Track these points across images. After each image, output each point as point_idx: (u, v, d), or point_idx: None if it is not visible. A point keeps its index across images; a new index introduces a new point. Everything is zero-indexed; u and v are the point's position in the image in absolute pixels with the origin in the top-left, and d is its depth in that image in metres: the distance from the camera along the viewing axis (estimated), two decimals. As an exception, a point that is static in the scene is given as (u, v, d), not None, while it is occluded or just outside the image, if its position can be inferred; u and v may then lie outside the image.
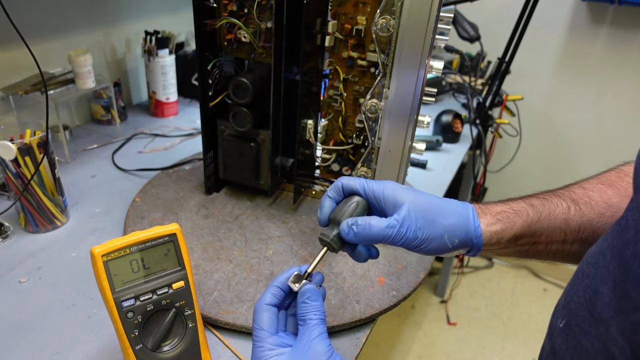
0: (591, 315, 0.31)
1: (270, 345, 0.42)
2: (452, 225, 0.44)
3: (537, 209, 0.45)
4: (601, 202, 0.45)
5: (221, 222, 0.76)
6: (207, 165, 0.81)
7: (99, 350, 0.54)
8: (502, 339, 1.76)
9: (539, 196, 0.47)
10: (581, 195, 0.46)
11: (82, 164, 0.95)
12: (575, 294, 0.34)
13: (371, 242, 0.45)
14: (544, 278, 2.07)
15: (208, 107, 0.76)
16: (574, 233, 0.45)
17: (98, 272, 0.43)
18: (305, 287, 0.44)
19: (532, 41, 1.39)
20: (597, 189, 0.47)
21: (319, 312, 0.42)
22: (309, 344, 0.40)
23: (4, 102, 0.92)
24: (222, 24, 0.71)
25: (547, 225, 0.45)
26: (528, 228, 0.45)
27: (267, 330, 0.42)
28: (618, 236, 0.32)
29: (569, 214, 0.45)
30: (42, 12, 0.96)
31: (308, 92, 0.75)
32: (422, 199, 0.45)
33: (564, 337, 0.34)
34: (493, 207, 0.46)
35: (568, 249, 0.46)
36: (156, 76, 1.15)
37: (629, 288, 0.28)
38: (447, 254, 0.46)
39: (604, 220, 0.45)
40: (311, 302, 0.43)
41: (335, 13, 0.69)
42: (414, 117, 0.62)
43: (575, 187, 0.48)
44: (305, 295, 0.43)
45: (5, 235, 0.71)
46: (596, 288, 0.32)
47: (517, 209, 0.46)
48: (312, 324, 0.41)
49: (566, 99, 1.78)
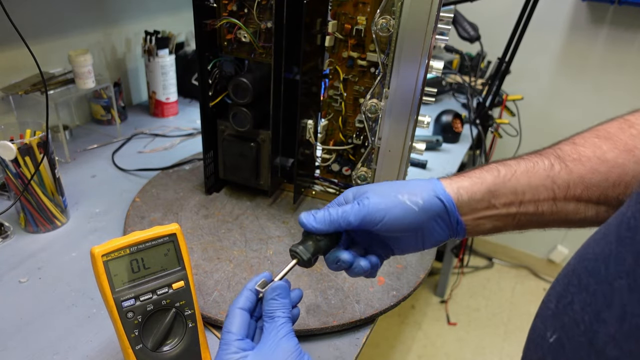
0: (591, 345, 0.26)
1: (235, 348, 0.40)
2: (413, 188, 0.43)
3: (511, 167, 0.43)
4: (594, 157, 0.41)
5: (221, 222, 0.76)
6: (207, 165, 0.81)
7: (99, 350, 0.54)
8: (502, 339, 1.76)
9: (515, 157, 0.44)
10: (569, 152, 0.43)
11: (82, 164, 0.95)
12: (570, 306, 0.29)
13: (333, 223, 0.44)
14: (544, 278, 2.07)
15: (208, 107, 0.76)
16: (564, 190, 0.42)
17: (98, 272, 0.43)
18: (276, 284, 0.43)
19: (532, 41, 1.39)
20: (590, 144, 0.43)
21: (287, 310, 0.42)
22: (277, 342, 0.39)
23: (4, 102, 0.92)
24: (222, 24, 0.71)
25: (526, 182, 0.42)
26: (502, 185, 0.42)
27: (235, 334, 0.41)
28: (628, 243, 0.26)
29: (553, 170, 0.42)
30: (42, 12, 0.96)
31: (308, 92, 0.75)
32: (383, 184, 0.45)
33: (554, 355, 0.30)
34: (460, 173, 0.45)
35: (564, 208, 0.42)
36: (156, 76, 1.15)
37: None
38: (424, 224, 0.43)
39: (598, 176, 0.41)
40: (280, 300, 0.42)
41: (335, 13, 0.69)
42: (414, 117, 0.62)
43: (565, 143, 0.44)
44: (275, 292, 0.42)
45: (5, 235, 0.71)
46: (597, 310, 0.26)
47: (485, 168, 0.44)
48: (280, 322, 0.41)
49: (566, 99, 1.78)
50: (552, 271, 2.07)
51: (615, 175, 0.41)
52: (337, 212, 0.44)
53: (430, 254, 0.73)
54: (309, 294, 0.63)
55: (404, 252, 0.48)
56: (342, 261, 0.45)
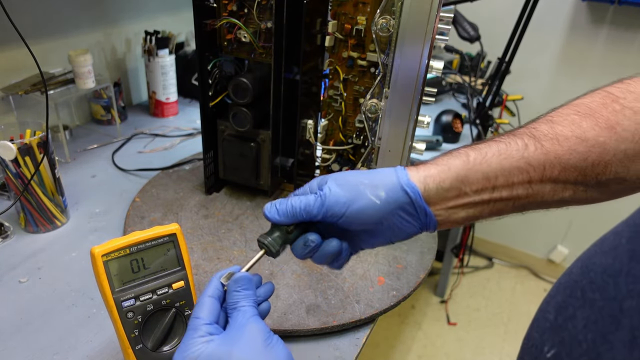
0: None
1: (203, 332, 0.38)
2: (375, 178, 0.41)
3: (481, 150, 0.40)
4: (572, 137, 0.39)
5: (221, 222, 0.76)
6: (207, 165, 0.81)
7: (99, 350, 0.54)
8: (502, 339, 1.76)
9: (487, 140, 0.42)
10: (545, 131, 0.40)
11: (82, 164, 0.95)
12: (571, 322, 0.27)
13: (295, 215, 0.42)
14: (544, 278, 2.07)
15: (208, 107, 0.76)
16: (539, 172, 0.39)
17: (98, 272, 0.43)
18: (238, 276, 0.41)
19: (532, 41, 1.39)
20: (569, 122, 0.40)
21: (252, 300, 0.41)
22: (244, 324, 0.38)
23: (4, 102, 0.92)
24: (222, 24, 0.71)
25: (498, 165, 0.40)
26: (472, 170, 0.40)
27: (203, 318, 0.39)
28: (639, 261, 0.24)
29: (527, 151, 0.39)
30: (42, 12, 0.96)
31: (308, 92, 0.75)
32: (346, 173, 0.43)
33: None
34: (428, 161, 0.43)
35: (540, 190, 0.40)
36: (156, 76, 1.15)
37: None
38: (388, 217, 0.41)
39: (576, 156, 0.39)
40: (243, 291, 0.40)
41: (335, 13, 0.69)
42: (414, 117, 0.62)
43: (541, 121, 0.42)
44: (238, 284, 0.41)
45: (5, 235, 0.71)
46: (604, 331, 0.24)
47: (455, 154, 0.41)
48: (244, 310, 0.39)
49: (566, 99, 1.75)
50: (552, 271, 2.07)
51: (595, 155, 0.39)
52: (300, 204, 0.42)
53: (430, 254, 0.73)
54: (309, 294, 0.63)
55: (373, 245, 0.46)
56: (310, 240, 0.43)
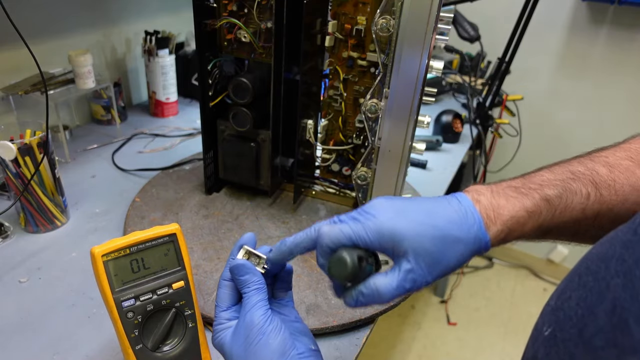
0: (580, 336, 0.27)
1: (222, 319, 0.42)
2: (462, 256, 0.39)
3: (553, 205, 0.39)
4: (627, 185, 0.39)
5: (221, 222, 0.76)
6: (207, 165, 0.81)
7: (99, 350, 0.54)
8: (502, 339, 1.76)
9: (558, 182, 0.40)
10: (605, 177, 0.39)
11: (82, 164, 0.95)
12: (567, 302, 0.30)
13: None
14: (544, 278, 2.07)
15: (208, 107, 0.76)
16: (589, 221, 0.40)
17: (98, 272, 0.43)
18: (232, 265, 0.43)
19: (532, 41, 1.39)
20: (624, 168, 0.40)
21: (253, 282, 0.42)
22: (243, 316, 0.41)
23: (4, 102, 0.92)
24: (222, 24, 0.71)
25: (559, 220, 0.39)
26: (538, 228, 0.40)
27: (220, 306, 0.43)
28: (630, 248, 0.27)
29: (588, 202, 0.39)
30: (42, 12, 0.96)
31: (308, 92, 0.75)
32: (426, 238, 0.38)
33: (547, 348, 0.30)
34: (504, 209, 0.39)
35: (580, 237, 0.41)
36: (156, 76, 1.15)
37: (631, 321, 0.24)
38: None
39: (627, 205, 0.39)
40: (240, 278, 0.42)
41: (335, 13, 0.69)
42: (414, 117, 0.62)
43: (599, 162, 0.41)
44: (234, 273, 0.43)
45: (5, 235, 0.71)
46: (591, 305, 0.27)
47: (531, 208, 0.39)
48: (248, 297, 0.42)
49: (566, 99, 1.78)
50: (552, 271, 2.07)
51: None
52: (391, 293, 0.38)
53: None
54: (308, 294, 0.63)
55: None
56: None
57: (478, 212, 0.39)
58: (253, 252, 0.44)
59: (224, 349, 0.41)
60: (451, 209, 0.40)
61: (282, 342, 0.39)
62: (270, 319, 0.40)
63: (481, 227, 0.39)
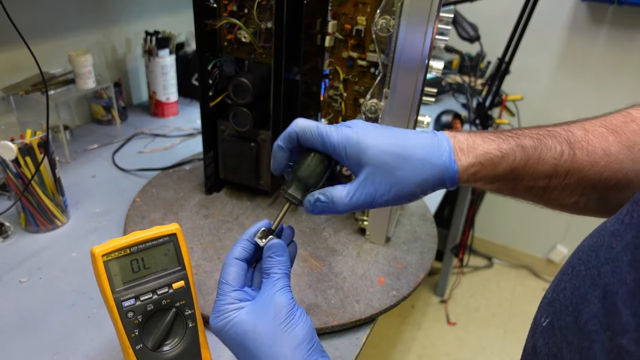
0: (575, 323, 0.29)
1: (232, 299, 0.41)
2: (424, 181, 0.41)
3: (527, 152, 0.41)
4: (599, 148, 0.41)
5: (221, 222, 0.76)
6: (207, 165, 0.81)
7: (99, 350, 0.54)
8: (502, 339, 1.76)
9: (533, 135, 0.42)
10: (580, 138, 0.41)
11: (83, 164, 0.95)
12: (562, 293, 0.32)
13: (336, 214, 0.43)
14: (544, 278, 2.07)
15: (208, 107, 0.76)
16: (560, 179, 0.41)
17: (98, 272, 0.44)
18: (272, 242, 0.43)
19: (532, 41, 1.39)
20: (598, 133, 0.41)
21: (284, 266, 0.42)
22: (271, 296, 0.40)
23: (4, 102, 0.92)
24: (222, 24, 0.71)
25: (532, 169, 0.41)
26: (510, 172, 0.41)
27: (231, 285, 0.42)
28: (617, 236, 0.28)
29: (561, 159, 0.41)
30: (42, 12, 0.96)
31: (308, 92, 0.75)
32: (389, 153, 0.40)
33: (545, 338, 0.32)
34: (480, 146, 0.41)
35: (548, 195, 0.43)
36: (156, 76, 1.15)
37: (619, 303, 0.25)
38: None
39: (595, 168, 0.40)
40: (276, 257, 0.42)
41: (335, 13, 0.69)
42: (414, 117, 0.62)
43: (575, 126, 0.43)
44: (271, 250, 0.43)
45: (5, 235, 0.71)
46: (584, 293, 0.29)
47: (505, 150, 0.41)
48: (276, 278, 0.41)
49: (566, 99, 1.78)
50: (552, 271, 2.07)
51: (611, 171, 0.40)
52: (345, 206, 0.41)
53: (430, 254, 0.73)
54: (308, 294, 0.63)
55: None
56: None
57: (452, 144, 0.41)
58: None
59: (238, 328, 0.40)
60: (425, 137, 0.42)
61: (311, 327, 0.40)
62: (295, 303, 0.41)
63: (451, 155, 0.40)
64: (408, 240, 0.76)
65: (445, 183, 0.41)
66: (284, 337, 0.38)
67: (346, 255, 0.71)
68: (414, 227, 0.79)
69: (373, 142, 0.41)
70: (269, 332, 0.38)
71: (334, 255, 0.71)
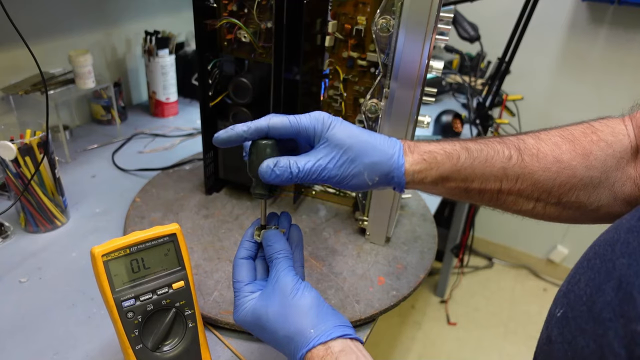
0: (589, 312, 0.30)
1: (246, 292, 0.45)
2: (374, 164, 0.44)
3: (472, 154, 0.44)
4: (550, 156, 0.43)
5: (221, 222, 0.76)
6: (207, 165, 0.81)
7: (99, 350, 0.54)
8: (502, 338, 1.76)
9: (480, 141, 0.46)
10: (530, 146, 0.44)
11: (82, 164, 0.95)
12: (577, 285, 0.33)
13: (294, 181, 0.45)
14: (544, 278, 2.07)
15: (208, 107, 0.76)
16: (511, 183, 0.44)
17: (98, 272, 0.44)
18: (265, 234, 0.48)
19: (532, 41, 1.39)
20: (552, 142, 0.44)
21: (283, 250, 0.46)
22: (276, 279, 0.44)
23: (4, 102, 0.92)
24: (222, 24, 0.71)
25: (480, 171, 0.44)
26: (457, 172, 0.44)
27: (242, 281, 0.46)
28: (634, 232, 0.30)
29: (509, 163, 0.44)
30: (42, 12, 0.96)
31: (308, 92, 0.75)
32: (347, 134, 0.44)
33: (560, 328, 0.33)
34: (424, 146, 0.45)
35: (503, 199, 0.45)
36: (156, 76, 1.15)
37: (635, 293, 0.27)
38: (369, 189, 0.46)
39: (547, 174, 0.43)
40: (273, 245, 0.46)
41: (335, 13, 0.69)
42: (414, 117, 0.62)
43: (530, 135, 0.46)
44: (267, 241, 0.47)
45: (5, 235, 0.71)
46: (599, 283, 0.31)
47: (449, 150, 0.45)
48: (278, 262, 0.45)
49: (566, 99, 1.78)
50: (552, 271, 2.07)
51: (565, 176, 0.43)
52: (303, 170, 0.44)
53: (430, 254, 0.73)
54: (309, 294, 0.63)
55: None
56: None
57: (402, 144, 0.46)
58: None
59: (254, 314, 0.44)
60: (382, 136, 0.46)
61: (317, 296, 0.43)
62: (299, 279, 0.44)
63: (400, 151, 0.45)
64: (408, 240, 0.76)
65: (393, 176, 0.44)
66: (292, 311, 0.42)
67: (346, 255, 0.71)
68: (414, 227, 0.79)
69: (337, 123, 0.45)
70: (279, 310, 0.42)
71: (334, 255, 0.71)
